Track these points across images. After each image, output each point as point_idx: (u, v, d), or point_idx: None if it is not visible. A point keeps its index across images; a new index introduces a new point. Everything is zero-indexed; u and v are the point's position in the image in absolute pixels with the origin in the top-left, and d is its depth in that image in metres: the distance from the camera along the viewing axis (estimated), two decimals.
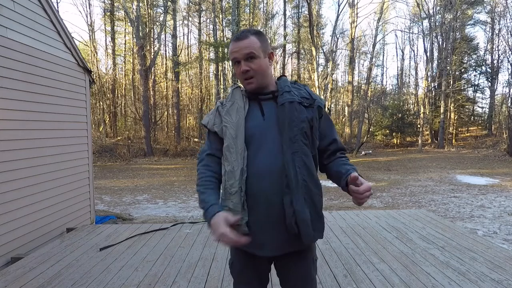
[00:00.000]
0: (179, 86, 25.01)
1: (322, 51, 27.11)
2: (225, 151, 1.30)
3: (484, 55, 28.10)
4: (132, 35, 23.28)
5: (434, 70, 25.45)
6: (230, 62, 1.38)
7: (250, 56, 1.29)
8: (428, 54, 25.66)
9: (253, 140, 1.29)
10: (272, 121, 1.30)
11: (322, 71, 25.27)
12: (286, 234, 1.26)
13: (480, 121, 29.39)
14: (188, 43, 30.73)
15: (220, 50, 21.48)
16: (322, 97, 1.50)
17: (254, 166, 1.26)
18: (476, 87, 28.92)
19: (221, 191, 1.33)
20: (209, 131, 1.40)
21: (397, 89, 35.31)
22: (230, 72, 22.18)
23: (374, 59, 29.78)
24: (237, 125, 1.30)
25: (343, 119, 30.65)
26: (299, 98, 1.32)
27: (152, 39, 23.00)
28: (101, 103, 24.87)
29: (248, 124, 1.31)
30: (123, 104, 26.87)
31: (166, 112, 27.32)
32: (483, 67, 27.75)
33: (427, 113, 24.61)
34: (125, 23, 25.84)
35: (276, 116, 1.30)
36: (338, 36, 28.56)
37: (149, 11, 22.97)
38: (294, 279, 1.37)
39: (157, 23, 23.97)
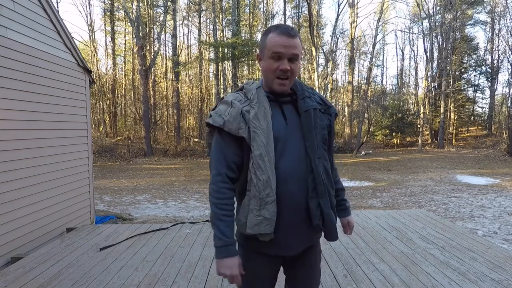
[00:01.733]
0: (179, 86, 25.00)
1: (322, 51, 27.12)
2: (257, 160, 1.21)
3: (484, 55, 28.14)
4: (132, 35, 23.27)
5: (434, 70, 25.46)
6: (265, 52, 1.26)
7: (294, 58, 1.25)
8: (428, 54, 25.68)
9: (277, 145, 1.26)
10: (294, 126, 1.29)
11: (322, 71, 25.27)
12: (307, 233, 1.32)
13: (480, 121, 29.40)
14: (188, 43, 30.76)
15: (220, 50, 21.48)
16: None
17: (279, 170, 1.24)
18: (476, 87, 28.95)
19: (249, 200, 1.25)
20: (219, 132, 1.28)
21: (397, 89, 35.33)
22: (230, 72, 22.19)
23: (374, 59, 29.82)
24: (267, 131, 1.23)
25: (343, 119, 30.65)
26: (318, 105, 1.35)
27: (152, 39, 23.00)
28: (101, 103, 24.86)
29: (273, 128, 1.27)
30: (123, 104, 26.87)
31: (166, 112, 27.32)
32: (483, 67, 27.76)
33: (427, 113, 24.62)
34: (125, 23, 25.84)
35: (298, 121, 1.30)
36: (338, 36, 28.61)
37: (149, 11, 22.98)
38: (303, 270, 1.42)
39: (157, 23, 23.98)
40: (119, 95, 26.42)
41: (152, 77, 23.00)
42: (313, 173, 1.26)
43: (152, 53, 22.11)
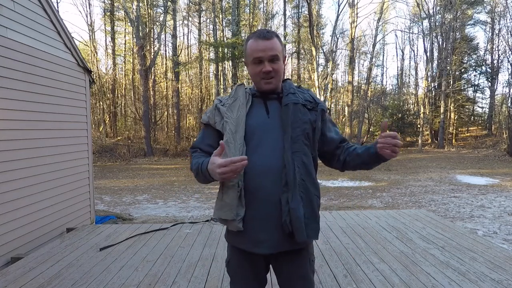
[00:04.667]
0: (179, 86, 24.99)
1: (322, 51, 27.11)
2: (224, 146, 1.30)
3: (484, 55, 28.13)
4: (132, 35, 23.27)
5: (434, 70, 25.45)
6: (248, 58, 1.35)
7: (274, 58, 1.31)
8: (428, 54, 25.66)
9: (253, 136, 1.30)
10: (276, 120, 1.33)
11: (322, 71, 25.27)
12: (282, 232, 1.27)
13: (480, 121, 29.39)
14: (188, 43, 30.74)
15: (220, 50, 21.48)
16: (322, 98, 1.52)
17: (254, 162, 1.26)
18: (476, 87, 28.94)
19: (219, 188, 1.35)
20: (205, 126, 1.43)
21: (397, 89, 35.31)
22: (230, 72, 22.18)
23: (374, 59, 29.81)
24: (237, 120, 1.31)
25: (343, 119, 30.63)
26: (303, 101, 1.37)
27: (152, 39, 22.99)
28: (101, 103, 24.86)
29: (250, 121, 1.32)
30: (123, 104, 26.87)
31: (166, 112, 27.32)
32: (483, 67, 27.76)
33: (427, 113, 24.61)
34: (125, 23, 25.84)
35: (280, 115, 1.33)
36: (338, 36, 28.55)
37: (149, 11, 22.97)
38: (289, 279, 1.37)
39: (157, 23, 23.96)
40: (119, 95, 26.42)
41: (152, 77, 23.00)
42: (285, 167, 1.25)
43: (152, 53, 22.10)
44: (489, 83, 27.78)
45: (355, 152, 1.38)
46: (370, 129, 24.90)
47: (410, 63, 39.24)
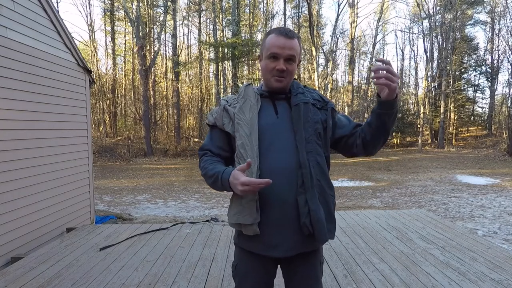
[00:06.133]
0: (179, 86, 25.00)
1: (322, 51, 27.12)
2: (239, 149, 1.26)
3: (484, 55, 28.14)
4: (132, 35, 23.28)
5: (434, 70, 25.46)
6: (264, 52, 1.32)
7: (291, 58, 1.29)
8: (428, 54, 25.68)
9: (264, 137, 1.27)
10: (286, 120, 1.31)
11: (322, 71, 25.27)
12: (299, 234, 1.24)
13: (480, 121, 29.39)
14: (188, 43, 30.75)
15: (220, 50, 21.48)
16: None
17: (266, 164, 1.24)
18: (476, 87, 28.93)
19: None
20: (212, 128, 1.39)
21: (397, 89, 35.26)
22: (230, 72, 22.18)
23: (374, 59, 29.80)
24: (251, 122, 1.28)
25: None
26: (313, 100, 1.34)
27: (152, 39, 22.99)
28: (101, 103, 24.87)
29: (261, 121, 1.30)
30: (123, 104, 26.87)
31: (166, 112, 27.32)
32: (483, 67, 27.76)
33: (427, 113, 24.62)
34: (125, 23, 25.83)
35: (290, 115, 1.31)
36: (338, 36, 28.60)
37: (149, 11, 22.96)
38: (300, 281, 1.35)
39: (157, 23, 23.97)
40: (119, 95, 26.42)
41: (152, 77, 23.00)
42: (301, 167, 1.23)
43: (152, 53, 22.10)
44: (489, 83, 27.79)
45: (365, 126, 1.30)
46: None
47: (410, 63, 39.26)
